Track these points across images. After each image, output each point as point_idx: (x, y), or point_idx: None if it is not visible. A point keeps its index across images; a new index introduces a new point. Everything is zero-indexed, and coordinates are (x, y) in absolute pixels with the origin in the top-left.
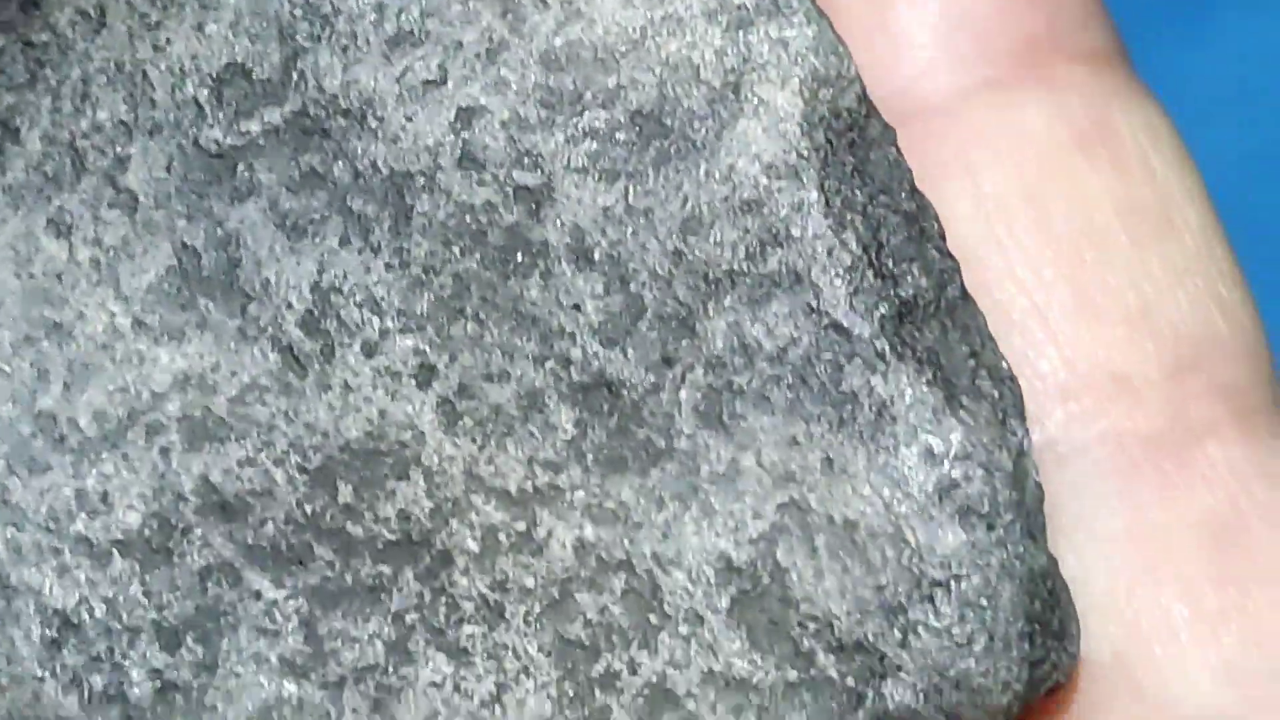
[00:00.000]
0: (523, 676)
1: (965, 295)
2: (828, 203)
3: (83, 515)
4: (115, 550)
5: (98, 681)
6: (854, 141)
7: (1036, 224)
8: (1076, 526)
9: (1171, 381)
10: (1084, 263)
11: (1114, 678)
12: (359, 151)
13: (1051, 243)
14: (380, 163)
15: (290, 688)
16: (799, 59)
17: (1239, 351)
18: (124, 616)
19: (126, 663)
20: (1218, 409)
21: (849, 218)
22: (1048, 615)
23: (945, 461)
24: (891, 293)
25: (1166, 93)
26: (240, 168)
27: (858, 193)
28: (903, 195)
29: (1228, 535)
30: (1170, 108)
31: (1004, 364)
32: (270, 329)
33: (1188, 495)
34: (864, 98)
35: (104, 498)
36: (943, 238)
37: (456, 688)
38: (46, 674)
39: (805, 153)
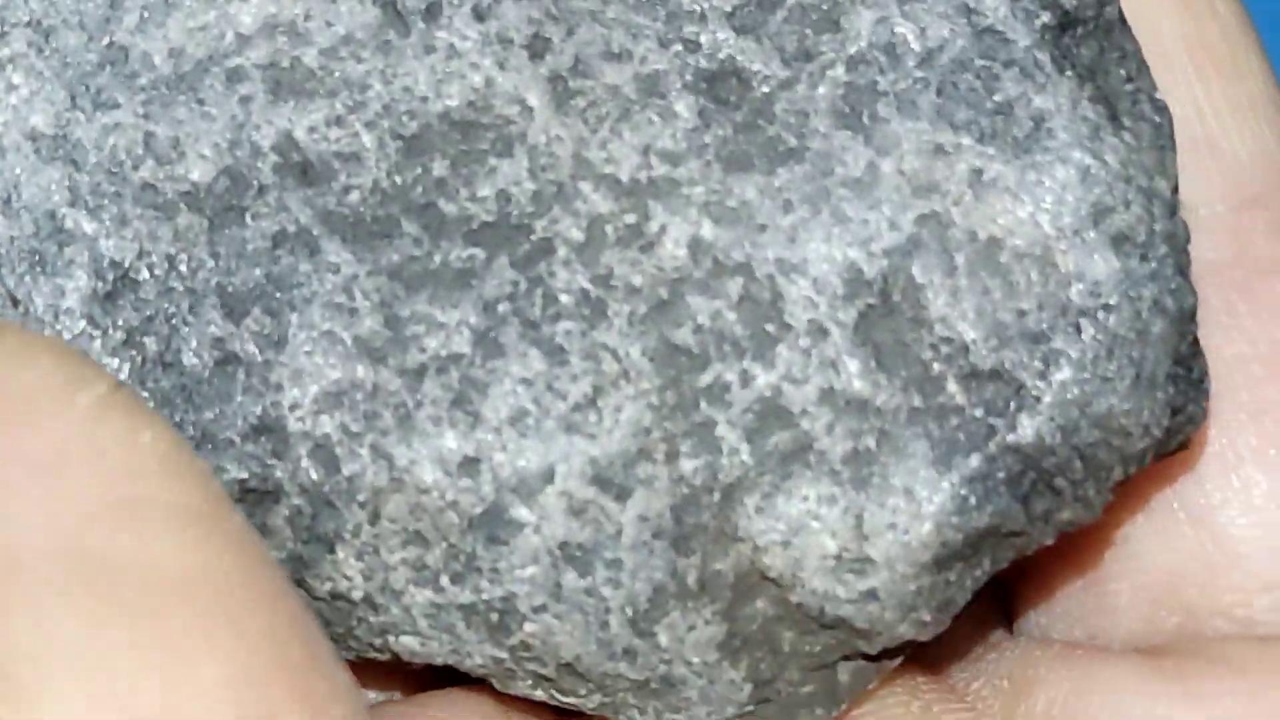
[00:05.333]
0: (621, 381)
1: (1123, 21)
2: None
3: (150, 161)
4: (182, 203)
5: (152, 345)
6: None
7: None
8: None
9: (1236, 215)
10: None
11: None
12: None
13: None
14: None
15: (364, 372)
16: None
17: None
18: (187, 277)
19: (186, 328)
20: None
21: None
22: (1191, 360)
23: (1102, 183)
24: (1054, 1)
25: None
26: None
27: None
28: None
29: None
30: None
31: (1158, 95)
32: None
33: (1255, 327)
34: None
35: (175, 144)
36: None
37: (549, 387)
38: (96, 331)
39: None
